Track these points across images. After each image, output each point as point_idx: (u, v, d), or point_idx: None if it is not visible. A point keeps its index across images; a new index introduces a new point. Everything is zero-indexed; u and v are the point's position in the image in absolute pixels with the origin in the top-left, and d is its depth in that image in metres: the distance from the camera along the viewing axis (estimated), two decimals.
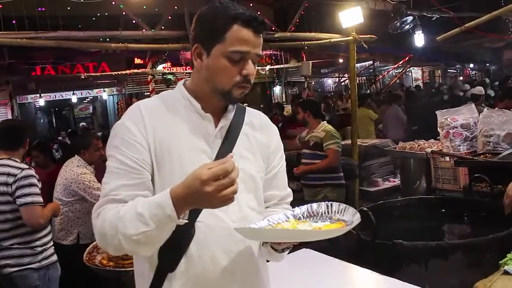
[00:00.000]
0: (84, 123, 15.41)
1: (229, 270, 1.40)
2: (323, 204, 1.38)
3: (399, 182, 5.50)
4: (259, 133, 1.56)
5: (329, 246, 2.54)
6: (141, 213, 1.22)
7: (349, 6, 5.48)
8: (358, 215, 1.28)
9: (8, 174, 2.92)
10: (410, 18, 6.85)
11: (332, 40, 6.00)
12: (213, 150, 1.43)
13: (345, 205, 1.34)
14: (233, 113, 1.50)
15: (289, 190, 1.66)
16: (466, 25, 5.00)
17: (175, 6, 4.94)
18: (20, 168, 2.97)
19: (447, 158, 4.13)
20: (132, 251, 1.30)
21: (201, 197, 1.17)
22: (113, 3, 4.89)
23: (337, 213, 1.34)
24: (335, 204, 1.36)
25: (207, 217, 1.36)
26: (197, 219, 1.35)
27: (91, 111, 17.21)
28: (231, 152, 1.42)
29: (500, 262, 2.22)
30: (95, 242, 3.05)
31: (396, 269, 2.46)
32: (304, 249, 2.59)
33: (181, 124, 1.42)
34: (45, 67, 12.67)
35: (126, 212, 1.25)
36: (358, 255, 2.74)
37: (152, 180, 1.38)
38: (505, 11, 4.51)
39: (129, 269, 2.54)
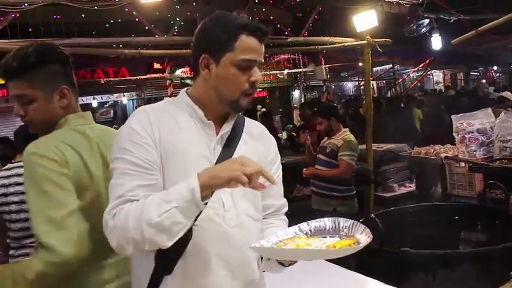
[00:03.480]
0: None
1: (225, 275, 1.42)
2: (329, 220, 1.41)
3: (415, 187, 5.41)
4: (258, 142, 1.60)
5: None
6: (166, 193, 1.28)
7: (364, 10, 5.42)
8: (367, 230, 1.30)
9: None
10: (426, 21, 6.75)
11: (346, 44, 5.94)
12: (213, 157, 1.46)
13: (352, 221, 1.37)
14: (233, 122, 1.54)
15: (285, 200, 1.69)
16: (479, 28, 4.89)
17: (188, 12, 4.98)
18: None
19: (462, 164, 4.04)
20: (153, 242, 1.27)
21: (221, 167, 1.27)
22: (126, 10, 4.95)
23: (345, 228, 1.36)
24: (342, 220, 1.39)
25: (204, 221, 1.38)
26: (195, 223, 1.35)
27: (112, 115, 17.44)
28: (230, 158, 1.44)
29: (511, 273, 2.16)
30: None
31: (403, 278, 2.42)
32: None
33: (185, 130, 1.45)
34: None
35: (152, 198, 1.29)
36: (365, 263, 2.69)
37: None
38: None
39: None
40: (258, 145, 1.59)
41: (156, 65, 13.43)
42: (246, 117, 1.65)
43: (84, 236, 1.49)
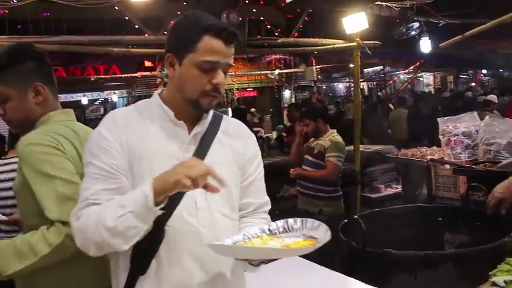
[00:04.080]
0: None
1: (199, 274, 1.43)
2: (298, 220, 1.42)
3: (401, 188, 5.47)
4: (235, 140, 1.59)
5: (319, 253, 2.53)
6: (123, 198, 1.31)
7: (354, 12, 5.46)
8: (329, 233, 1.31)
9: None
10: (416, 24, 6.82)
11: (336, 46, 5.98)
12: (186, 157, 1.45)
13: (319, 222, 1.38)
14: (209, 121, 1.54)
15: (267, 199, 1.68)
16: (466, 33, 4.94)
17: (178, 11, 4.98)
18: None
19: (447, 166, 4.10)
20: (110, 246, 1.31)
21: (169, 171, 1.27)
22: (116, 8, 4.94)
23: (311, 230, 1.38)
24: (310, 221, 1.40)
25: (176, 221, 1.39)
26: (166, 224, 1.38)
27: (102, 112, 17.38)
28: (204, 158, 1.47)
29: (489, 273, 2.20)
30: None
31: (386, 279, 2.45)
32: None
33: (154, 132, 1.46)
34: (57, 69, 12.85)
35: (111, 203, 1.32)
36: (349, 263, 2.72)
37: None
38: (506, 19, 4.43)
39: None
40: (235, 143, 1.58)
41: (147, 63, 13.39)
42: (224, 116, 1.65)
43: None
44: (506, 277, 2.13)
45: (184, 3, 4.91)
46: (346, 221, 3.05)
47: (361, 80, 8.50)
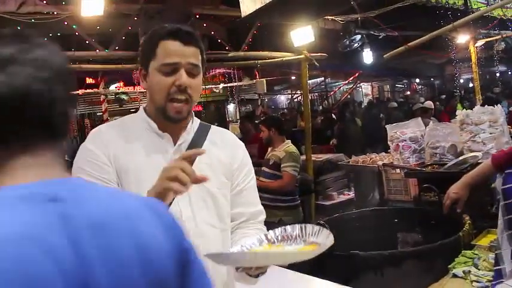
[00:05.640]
0: None
1: None
2: (297, 226, 1.35)
3: (354, 195, 5.66)
4: (222, 151, 1.59)
5: None
6: None
7: (301, 25, 5.66)
8: (331, 237, 1.25)
9: None
10: (358, 36, 7.15)
11: (285, 59, 6.16)
12: None
13: (318, 227, 1.32)
14: (194, 131, 1.55)
15: (260, 208, 1.67)
16: (409, 44, 5.28)
17: (129, 27, 4.95)
18: None
19: (398, 170, 4.30)
20: None
21: (155, 184, 1.25)
22: (66, 23, 4.84)
23: (311, 235, 1.30)
24: (309, 226, 1.33)
25: None
26: None
27: None
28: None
29: (449, 266, 2.37)
30: None
31: (354, 278, 2.56)
32: None
33: (140, 145, 1.48)
34: None
35: None
36: (318, 267, 2.81)
37: None
38: (443, 31, 4.81)
39: None
40: (221, 153, 1.58)
41: (89, 80, 13.02)
42: (213, 126, 1.65)
43: None
44: (464, 268, 2.31)
45: (135, 18, 4.89)
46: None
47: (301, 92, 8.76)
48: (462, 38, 8.09)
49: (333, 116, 12.53)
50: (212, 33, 6.33)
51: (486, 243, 2.58)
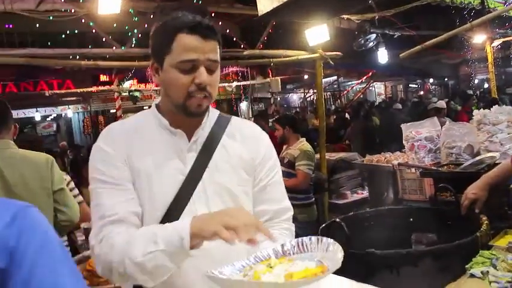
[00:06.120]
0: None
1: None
2: (314, 238, 1.28)
3: (367, 194, 5.64)
4: (241, 145, 1.50)
5: None
6: (155, 233, 1.22)
7: (316, 24, 5.64)
8: (340, 256, 1.20)
9: None
10: (373, 35, 7.11)
11: (300, 57, 6.15)
12: (186, 165, 1.40)
13: (332, 242, 1.25)
14: (212, 125, 1.47)
15: (286, 204, 1.59)
16: (425, 43, 5.25)
17: (145, 24, 4.99)
18: None
19: (413, 170, 4.28)
20: (134, 280, 1.24)
21: (209, 218, 1.18)
22: (83, 20, 4.90)
23: (324, 251, 1.24)
24: (324, 240, 1.27)
25: None
26: None
27: (54, 128, 16.86)
28: (206, 165, 1.40)
29: (466, 266, 2.35)
30: None
31: (370, 277, 2.55)
32: None
33: (152, 145, 1.40)
34: (7, 84, 12.39)
35: (140, 234, 1.24)
36: None
37: None
38: (460, 31, 4.77)
39: (105, 286, 2.52)
40: (241, 148, 1.49)
41: (103, 77, 13.18)
42: (233, 118, 1.56)
43: None
44: (482, 268, 2.29)
45: (151, 16, 4.93)
46: (327, 223, 3.14)
47: (315, 90, 8.73)
48: (479, 38, 8.01)
49: (347, 115, 12.49)
50: (227, 31, 6.35)
51: (504, 244, 2.56)
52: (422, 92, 20.06)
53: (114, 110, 12.49)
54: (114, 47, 5.09)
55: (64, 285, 0.86)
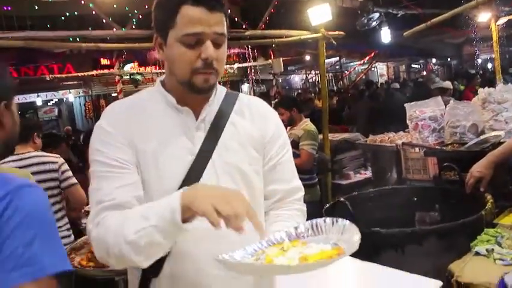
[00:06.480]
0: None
1: (217, 274, 1.32)
2: (328, 220, 1.23)
3: (370, 174, 5.64)
4: (251, 122, 1.45)
5: None
6: (146, 208, 1.18)
7: (318, 3, 5.57)
8: (358, 238, 1.12)
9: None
10: (376, 15, 7.03)
11: (302, 37, 6.08)
12: (195, 145, 1.36)
13: (349, 223, 1.19)
14: (220, 102, 1.42)
15: (297, 184, 1.53)
16: (431, 21, 5.18)
17: (146, 5, 4.93)
18: None
19: (417, 149, 4.26)
20: (130, 261, 1.19)
21: (204, 193, 1.10)
22: (82, 2, 4.84)
23: (340, 233, 1.19)
24: (340, 222, 1.21)
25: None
26: None
27: (56, 113, 16.84)
28: (216, 144, 1.35)
29: (471, 244, 2.35)
30: (71, 245, 3.06)
31: (375, 255, 2.56)
32: None
33: (157, 125, 1.35)
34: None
35: (133, 212, 1.20)
36: None
37: None
38: (465, 8, 4.70)
39: (110, 268, 2.53)
40: (250, 125, 1.43)
41: (103, 61, 13.11)
42: (241, 95, 1.50)
43: None
44: (487, 246, 2.29)
45: None
46: (331, 203, 3.14)
47: (317, 72, 8.67)
48: (484, 16, 7.90)
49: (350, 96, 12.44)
50: (228, 11, 6.28)
51: (509, 222, 2.55)
52: (424, 72, 19.95)
53: (116, 94, 12.44)
54: (114, 29, 5.04)
55: (41, 261, 0.92)
